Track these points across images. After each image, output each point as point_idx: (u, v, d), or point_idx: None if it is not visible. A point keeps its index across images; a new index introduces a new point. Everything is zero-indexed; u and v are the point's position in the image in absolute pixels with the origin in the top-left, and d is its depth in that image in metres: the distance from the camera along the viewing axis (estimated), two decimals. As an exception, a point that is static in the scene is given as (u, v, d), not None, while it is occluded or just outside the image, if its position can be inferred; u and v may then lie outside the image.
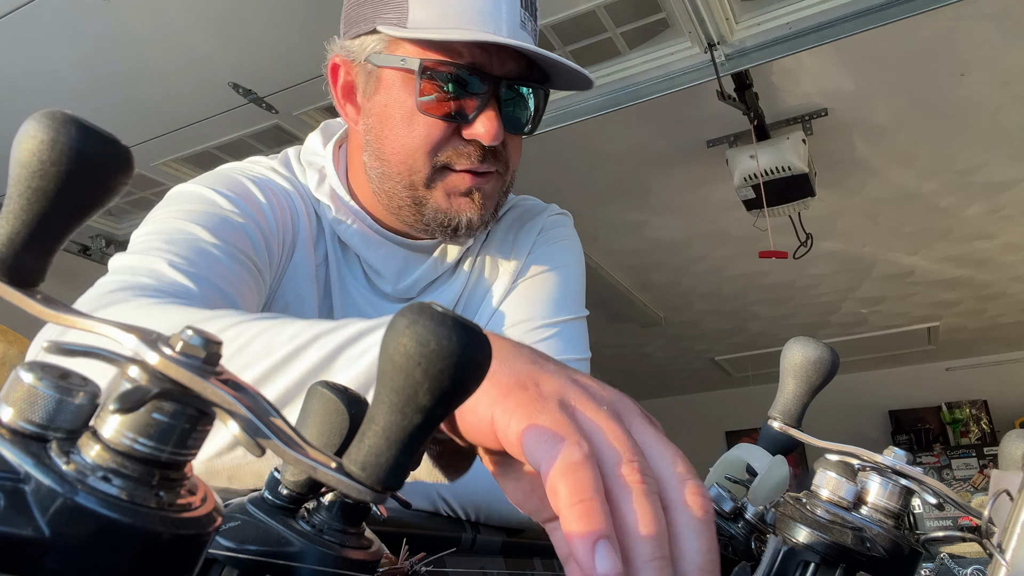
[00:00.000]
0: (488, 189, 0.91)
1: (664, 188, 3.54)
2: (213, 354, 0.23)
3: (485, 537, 0.72)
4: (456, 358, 0.23)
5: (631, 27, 2.43)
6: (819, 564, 0.40)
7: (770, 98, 2.84)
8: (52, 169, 0.24)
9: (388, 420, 0.24)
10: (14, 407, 0.21)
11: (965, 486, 5.88)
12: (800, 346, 0.46)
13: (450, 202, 0.89)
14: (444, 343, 0.23)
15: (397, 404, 0.23)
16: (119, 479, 0.21)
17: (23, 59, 2.41)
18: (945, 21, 2.41)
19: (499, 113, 0.86)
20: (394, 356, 0.23)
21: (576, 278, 1.08)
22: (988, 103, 2.89)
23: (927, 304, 5.30)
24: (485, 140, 0.85)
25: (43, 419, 0.21)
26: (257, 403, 0.23)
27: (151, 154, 2.99)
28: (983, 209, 3.84)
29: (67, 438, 0.22)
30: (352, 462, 0.24)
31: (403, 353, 0.23)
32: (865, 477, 0.42)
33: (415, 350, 0.23)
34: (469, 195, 0.89)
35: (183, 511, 0.22)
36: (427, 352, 0.23)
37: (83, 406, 0.22)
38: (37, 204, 0.24)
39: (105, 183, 0.25)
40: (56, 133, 0.24)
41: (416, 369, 0.23)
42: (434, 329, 0.23)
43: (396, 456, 0.24)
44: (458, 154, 0.87)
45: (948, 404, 6.62)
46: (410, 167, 0.88)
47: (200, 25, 2.29)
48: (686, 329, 5.72)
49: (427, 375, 0.23)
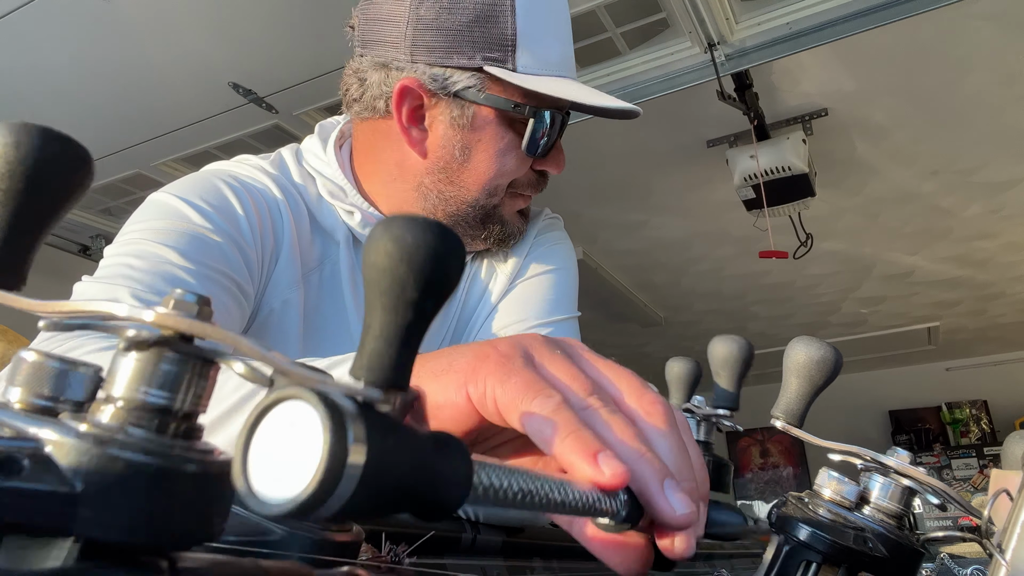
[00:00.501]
0: (528, 206, 1.03)
1: (664, 188, 3.54)
2: (206, 311, 0.24)
3: (485, 537, 0.72)
4: (434, 248, 0.24)
5: (631, 27, 2.43)
6: (821, 564, 0.40)
7: (770, 98, 2.84)
8: (19, 168, 0.25)
9: (383, 321, 0.24)
10: (23, 386, 0.22)
11: (965, 486, 5.88)
12: (803, 345, 0.46)
13: (511, 218, 1.00)
14: (420, 236, 0.24)
15: (388, 304, 0.24)
16: (137, 429, 0.22)
17: (23, 59, 2.41)
18: (945, 21, 2.41)
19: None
20: (377, 261, 0.24)
21: (570, 280, 1.12)
22: (988, 103, 2.89)
23: (927, 304, 5.30)
24: (557, 172, 0.97)
25: (53, 391, 0.22)
26: (257, 341, 0.24)
27: (151, 154, 2.99)
28: (983, 209, 3.84)
29: (77, 410, 0.23)
30: (357, 368, 0.24)
31: (385, 253, 0.24)
32: (868, 477, 0.42)
33: (395, 248, 0.24)
34: (522, 212, 1.01)
35: (206, 455, 0.22)
36: (407, 246, 0.24)
37: (89, 377, 0.23)
38: (9, 205, 0.25)
39: (68, 178, 0.26)
40: (18, 136, 0.26)
41: (400, 265, 0.24)
42: (408, 226, 0.24)
43: (397, 353, 0.24)
44: (529, 183, 0.97)
45: (948, 404, 6.63)
46: (489, 192, 0.95)
47: (200, 25, 2.29)
48: (686, 329, 5.72)
49: (411, 268, 0.24)
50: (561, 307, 1.05)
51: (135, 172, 3.13)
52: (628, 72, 2.61)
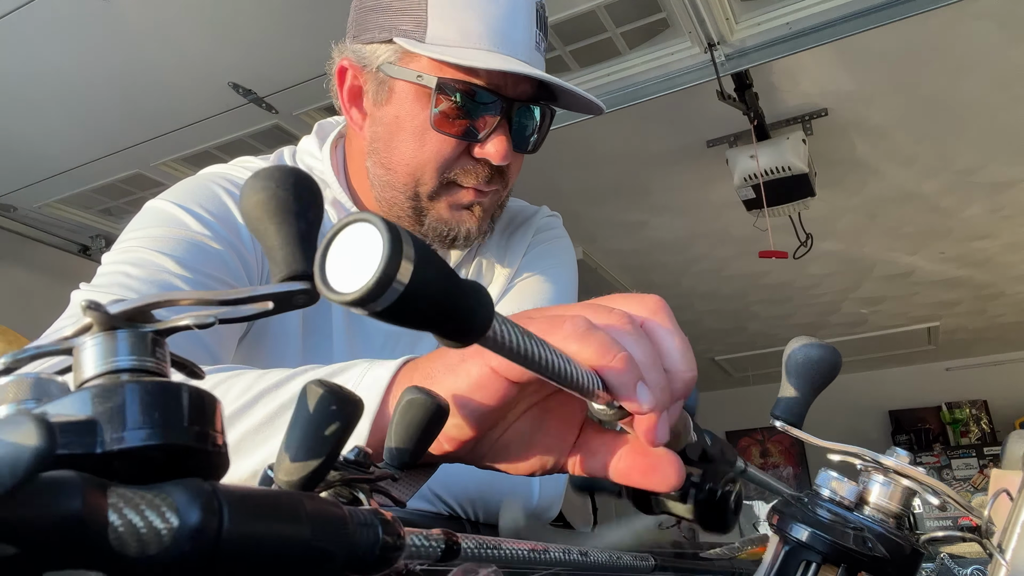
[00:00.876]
0: (487, 203, 0.92)
1: (664, 188, 3.54)
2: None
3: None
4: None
5: (631, 27, 2.43)
6: (821, 564, 0.40)
7: (770, 98, 2.84)
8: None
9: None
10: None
11: (965, 486, 5.88)
12: (803, 345, 0.46)
13: (451, 214, 0.90)
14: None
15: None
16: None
17: (23, 59, 2.41)
18: (945, 21, 2.41)
19: (509, 134, 0.86)
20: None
21: (570, 276, 1.10)
22: (988, 103, 2.89)
23: (927, 304, 5.30)
24: (495, 160, 0.86)
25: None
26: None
27: (151, 154, 2.99)
28: (983, 209, 3.84)
29: None
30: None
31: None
32: (867, 477, 0.42)
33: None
34: (470, 208, 0.91)
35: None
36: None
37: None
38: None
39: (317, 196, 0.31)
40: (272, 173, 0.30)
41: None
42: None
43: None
44: (466, 172, 0.88)
45: (948, 404, 6.63)
46: (417, 180, 0.88)
47: (200, 25, 2.29)
48: (686, 329, 5.59)
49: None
50: (562, 302, 1.03)
51: (135, 172, 3.13)
52: (628, 72, 2.61)
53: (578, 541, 0.47)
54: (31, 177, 3.14)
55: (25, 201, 3.33)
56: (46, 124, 2.79)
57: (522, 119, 0.88)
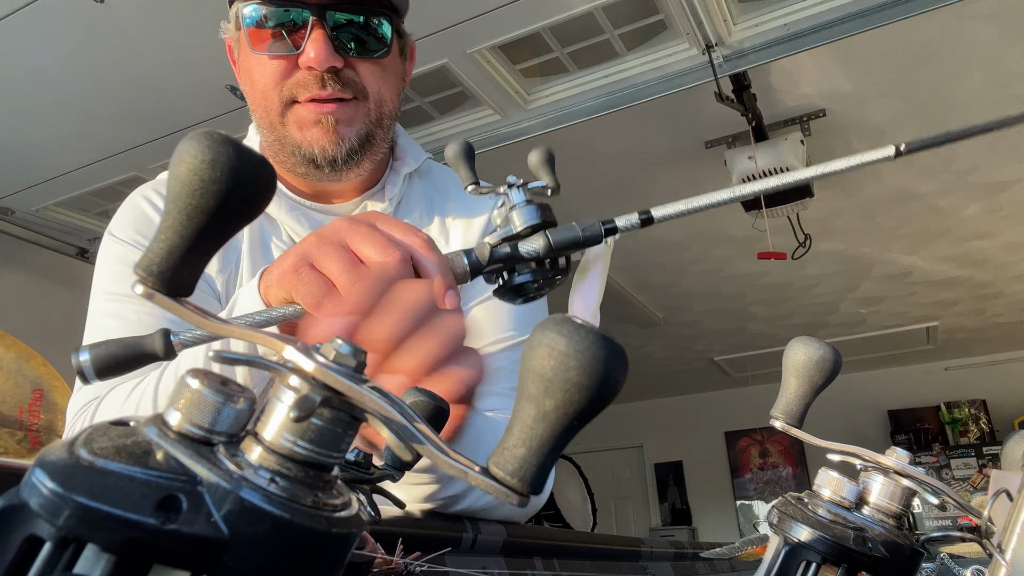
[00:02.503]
0: (343, 116, 0.90)
1: (662, 189, 3.54)
2: (361, 363, 0.25)
3: (485, 537, 0.72)
4: (604, 367, 0.23)
5: (629, 28, 2.43)
6: (820, 564, 0.40)
7: (768, 99, 2.85)
8: (212, 187, 0.25)
9: (535, 426, 0.24)
10: (182, 412, 0.23)
11: (964, 486, 5.88)
12: (802, 345, 0.46)
13: (303, 134, 0.90)
14: (591, 352, 0.23)
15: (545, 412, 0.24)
16: (282, 479, 0.23)
17: (20, 62, 2.41)
18: (943, 21, 2.41)
19: (328, 37, 0.86)
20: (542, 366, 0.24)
21: None
22: (986, 103, 2.89)
23: (926, 304, 5.31)
24: (314, 64, 0.86)
25: (209, 423, 0.23)
26: (404, 410, 0.25)
27: (147, 157, 2.99)
28: (982, 209, 3.84)
29: (230, 442, 0.23)
30: (497, 465, 0.24)
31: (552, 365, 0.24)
32: (867, 477, 0.42)
33: (568, 360, 0.23)
34: (319, 124, 0.89)
35: (336, 511, 0.24)
36: (579, 362, 0.23)
37: (243, 411, 0.23)
38: (195, 220, 0.26)
39: (255, 200, 0.27)
40: (216, 153, 0.26)
41: (566, 375, 0.23)
42: (581, 340, 0.24)
43: (542, 460, 0.24)
44: (297, 84, 0.88)
45: (947, 404, 6.63)
46: (265, 108, 0.91)
47: (197, 28, 2.29)
48: (685, 330, 5.72)
49: (582, 384, 0.23)
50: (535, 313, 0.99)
51: (133, 175, 3.13)
52: (626, 74, 2.61)
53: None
54: (28, 180, 3.14)
55: (23, 204, 3.33)
56: (44, 127, 2.79)
57: (346, 24, 0.89)
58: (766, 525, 0.43)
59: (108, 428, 0.23)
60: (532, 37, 2.41)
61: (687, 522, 7.52)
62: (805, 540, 0.40)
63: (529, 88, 2.73)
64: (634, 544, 1.03)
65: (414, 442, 0.24)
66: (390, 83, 0.94)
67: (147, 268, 0.27)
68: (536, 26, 2.33)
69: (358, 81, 0.90)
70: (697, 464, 7.64)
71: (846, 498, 0.41)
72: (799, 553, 0.40)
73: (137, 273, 0.27)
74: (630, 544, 1.03)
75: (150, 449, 0.22)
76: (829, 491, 0.42)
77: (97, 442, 0.22)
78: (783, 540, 0.41)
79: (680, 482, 7.73)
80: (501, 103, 2.73)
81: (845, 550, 0.39)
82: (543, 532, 0.82)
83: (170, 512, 0.20)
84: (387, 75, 0.93)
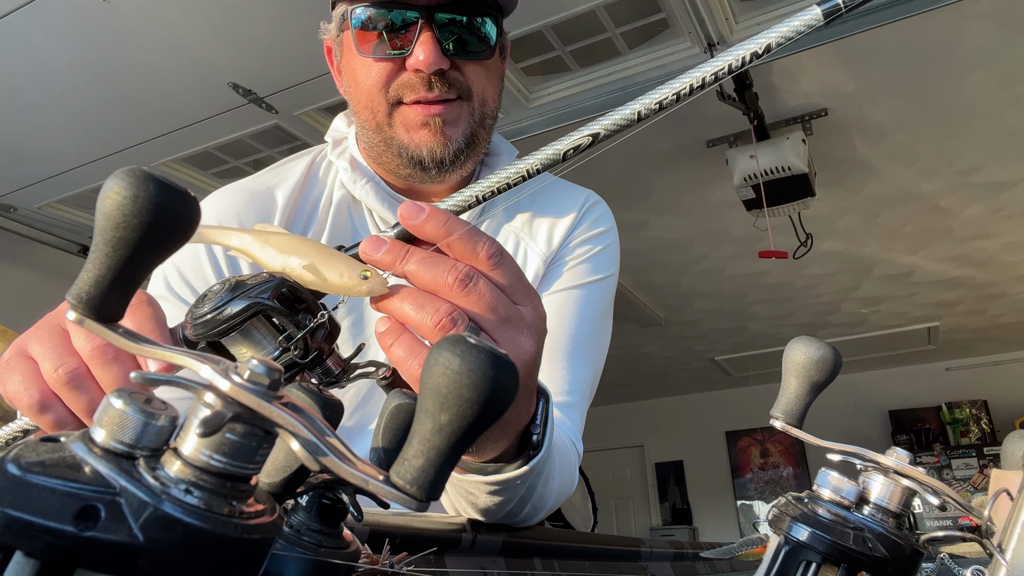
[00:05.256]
0: (449, 117, 0.91)
1: (664, 188, 3.54)
2: (275, 381, 0.26)
3: (485, 537, 0.71)
4: (492, 384, 0.26)
5: (631, 27, 2.43)
6: (820, 564, 0.40)
7: (770, 98, 2.84)
8: (134, 220, 0.27)
9: (431, 438, 0.27)
10: (106, 429, 0.25)
11: (965, 486, 5.89)
12: (803, 345, 0.46)
13: (410, 136, 0.91)
14: (479, 370, 0.26)
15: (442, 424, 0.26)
16: (198, 490, 0.24)
17: (23, 59, 2.41)
18: (945, 21, 2.41)
19: (436, 39, 0.87)
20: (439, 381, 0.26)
21: (607, 295, 1.10)
22: (988, 103, 2.89)
23: (927, 304, 5.30)
24: (422, 66, 0.87)
25: (132, 439, 0.25)
26: (314, 423, 0.26)
27: (151, 154, 2.99)
28: (983, 209, 3.84)
29: (152, 456, 0.25)
30: (398, 475, 0.27)
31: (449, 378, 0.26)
32: (867, 477, 0.42)
33: (460, 378, 0.26)
34: (427, 126, 0.90)
35: (251, 518, 0.25)
36: (472, 378, 0.26)
37: (164, 427, 0.25)
38: (120, 251, 0.28)
39: (178, 230, 0.29)
40: (136, 189, 0.27)
41: (461, 390, 0.26)
42: (471, 358, 0.26)
43: (439, 469, 0.27)
44: (404, 85, 0.89)
45: (948, 404, 6.63)
46: (372, 110, 0.92)
47: (200, 25, 2.29)
48: (686, 329, 5.72)
49: (473, 399, 0.26)
50: (588, 331, 1.02)
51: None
52: (628, 72, 2.61)
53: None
54: (30, 177, 3.14)
55: (24, 201, 3.33)
56: (46, 124, 2.79)
57: (450, 24, 0.89)
58: (766, 525, 0.43)
59: (38, 444, 0.25)
60: (534, 35, 2.41)
61: (688, 522, 7.53)
62: (805, 540, 0.40)
63: (531, 86, 2.73)
64: (634, 544, 1.03)
65: (319, 455, 0.26)
66: (492, 83, 0.96)
67: (77, 296, 0.29)
68: (538, 24, 2.33)
69: (463, 82, 0.91)
70: (698, 464, 7.64)
71: (846, 498, 0.41)
72: (799, 553, 0.40)
73: (69, 301, 0.29)
74: (630, 544, 1.03)
75: (75, 464, 0.24)
76: (829, 491, 0.42)
77: (25, 457, 0.23)
78: (783, 540, 0.41)
79: (681, 482, 7.73)
80: (503, 101, 2.73)
81: (845, 550, 0.39)
82: (542, 532, 0.82)
83: (89, 520, 0.22)
84: (490, 75, 0.95)
